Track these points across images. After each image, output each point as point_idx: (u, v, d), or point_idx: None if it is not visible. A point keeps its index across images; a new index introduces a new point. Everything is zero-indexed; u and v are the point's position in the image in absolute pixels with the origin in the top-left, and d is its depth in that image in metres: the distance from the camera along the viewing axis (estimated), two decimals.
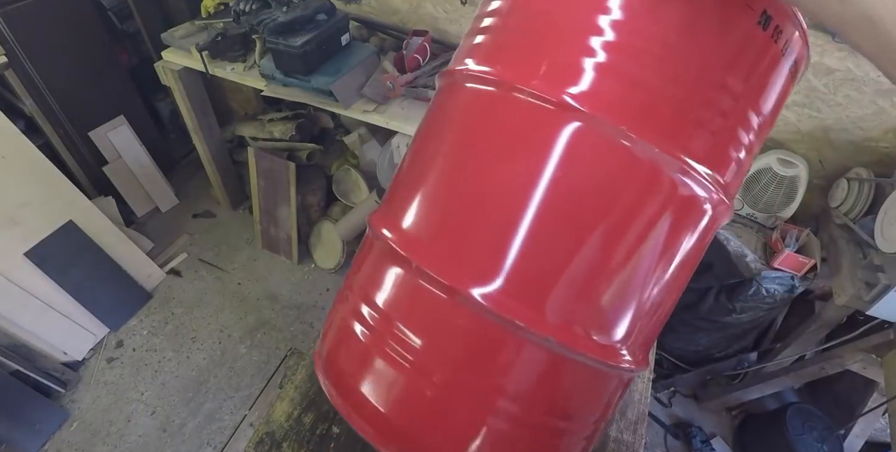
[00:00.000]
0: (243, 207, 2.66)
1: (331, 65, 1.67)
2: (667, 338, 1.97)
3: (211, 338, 2.13)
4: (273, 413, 1.00)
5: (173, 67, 1.92)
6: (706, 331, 1.86)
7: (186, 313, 2.22)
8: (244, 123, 2.28)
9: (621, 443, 1.02)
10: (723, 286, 1.70)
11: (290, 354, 2.09)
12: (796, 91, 1.59)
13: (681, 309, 1.86)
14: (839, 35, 0.48)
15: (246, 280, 2.36)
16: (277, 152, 2.18)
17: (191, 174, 2.77)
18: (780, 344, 1.79)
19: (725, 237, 1.68)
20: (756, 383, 1.77)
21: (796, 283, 1.58)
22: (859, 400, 1.63)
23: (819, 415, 1.73)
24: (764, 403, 1.90)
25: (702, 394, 2.02)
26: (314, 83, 1.64)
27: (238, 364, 2.05)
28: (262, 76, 1.73)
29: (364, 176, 2.17)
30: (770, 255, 1.60)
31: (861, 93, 1.51)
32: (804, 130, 1.67)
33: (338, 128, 2.28)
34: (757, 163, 1.65)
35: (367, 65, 1.73)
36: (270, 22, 1.56)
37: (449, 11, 1.88)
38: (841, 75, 1.50)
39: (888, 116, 1.53)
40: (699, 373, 1.96)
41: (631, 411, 1.07)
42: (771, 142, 1.74)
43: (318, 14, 1.62)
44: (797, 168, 1.60)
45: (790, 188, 1.63)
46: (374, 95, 1.68)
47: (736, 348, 1.94)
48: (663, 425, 1.92)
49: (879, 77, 1.46)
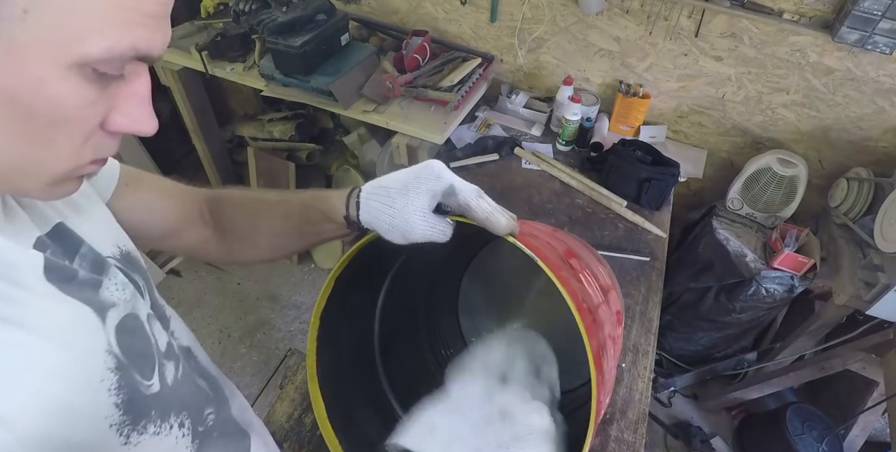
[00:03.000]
0: None
1: (330, 65, 1.67)
2: (667, 338, 1.97)
3: (211, 338, 2.13)
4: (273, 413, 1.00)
5: (173, 67, 1.92)
6: (706, 331, 1.87)
7: (186, 313, 2.21)
8: (244, 123, 2.28)
9: (622, 443, 1.02)
10: (722, 286, 1.70)
11: (289, 354, 2.08)
12: (796, 91, 1.59)
13: (681, 308, 1.86)
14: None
15: (246, 280, 2.36)
16: (277, 152, 2.18)
17: (191, 174, 2.77)
18: (780, 343, 1.79)
19: (725, 237, 1.68)
20: (756, 383, 1.77)
21: (796, 283, 1.58)
22: (859, 400, 1.63)
23: (819, 415, 1.74)
24: (763, 403, 1.90)
25: (702, 394, 2.02)
26: (314, 83, 1.64)
27: (238, 364, 2.05)
28: (262, 76, 1.73)
29: (364, 176, 2.17)
30: (770, 255, 1.61)
31: (860, 92, 1.52)
32: (804, 130, 1.67)
33: (337, 128, 2.28)
34: (757, 162, 1.65)
35: (367, 65, 1.73)
36: (270, 22, 1.56)
37: (449, 11, 1.88)
38: (840, 75, 1.51)
39: (887, 116, 1.54)
40: (699, 373, 1.96)
41: (631, 411, 1.07)
42: (771, 142, 1.74)
43: (317, 14, 1.61)
44: (797, 168, 1.60)
45: (790, 188, 1.63)
46: (373, 95, 1.68)
47: (736, 348, 1.94)
48: (663, 425, 1.92)
49: (879, 77, 1.47)
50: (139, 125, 0.37)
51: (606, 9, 1.63)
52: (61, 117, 0.33)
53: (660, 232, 1.48)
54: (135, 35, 0.33)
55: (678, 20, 1.57)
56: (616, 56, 1.75)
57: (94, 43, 0.31)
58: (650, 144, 1.61)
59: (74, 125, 0.34)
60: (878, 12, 1.29)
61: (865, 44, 1.36)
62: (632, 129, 1.80)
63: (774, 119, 1.69)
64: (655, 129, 1.81)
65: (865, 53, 1.42)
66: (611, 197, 1.55)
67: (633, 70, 1.76)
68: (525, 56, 1.87)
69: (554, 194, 1.59)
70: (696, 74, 1.68)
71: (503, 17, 1.80)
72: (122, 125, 0.36)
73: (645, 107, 1.74)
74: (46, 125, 0.32)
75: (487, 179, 1.61)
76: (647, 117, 1.81)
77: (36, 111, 0.31)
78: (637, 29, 1.65)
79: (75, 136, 0.34)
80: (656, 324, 1.25)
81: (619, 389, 1.11)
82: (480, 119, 1.83)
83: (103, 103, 0.35)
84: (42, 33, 0.29)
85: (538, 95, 1.93)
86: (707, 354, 1.98)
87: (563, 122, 1.68)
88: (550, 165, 1.64)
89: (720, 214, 1.75)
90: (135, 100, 0.36)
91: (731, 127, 1.76)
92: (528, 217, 1.51)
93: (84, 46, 0.31)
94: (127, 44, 0.32)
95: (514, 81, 1.99)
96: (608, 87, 1.85)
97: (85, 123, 0.34)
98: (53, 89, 0.31)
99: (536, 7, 1.72)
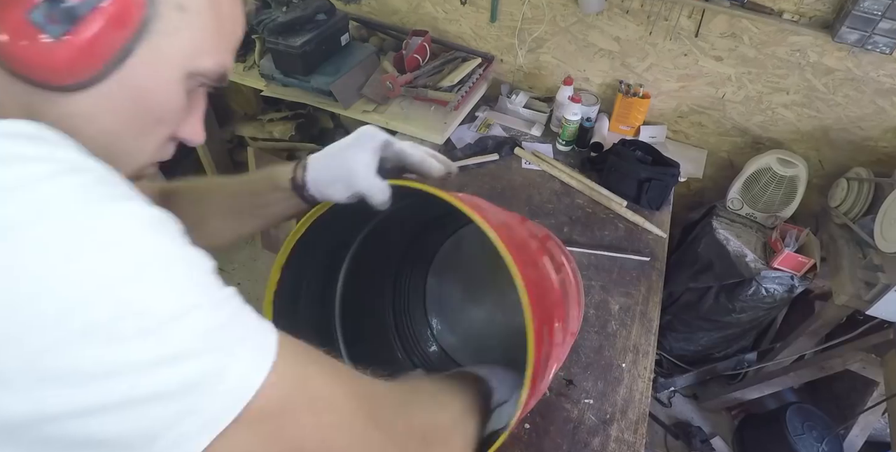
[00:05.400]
0: None
1: (330, 65, 1.67)
2: (667, 338, 1.97)
3: None
4: None
5: None
6: (706, 331, 1.87)
7: None
8: (244, 123, 2.28)
9: (622, 443, 1.02)
10: (722, 286, 1.70)
11: None
12: (796, 91, 1.59)
13: (681, 308, 1.86)
14: None
15: (246, 280, 2.36)
16: (277, 152, 2.18)
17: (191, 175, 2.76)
18: (780, 343, 1.79)
19: (725, 237, 1.68)
20: (756, 383, 1.77)
21: (796, 283, 1.58)
22: (859, 400, 1.63)
23: (819, 415, 1.74)
24: (763, 403, 1.90)
25: (702, 394, 2.02)
26: (314, 83, 1.64)
27: None
28: (262, 76, 1.73)
29: None
30: (770, 255, 1.61)
31: (861, 92, 1.52)
32: (804, 130, 1.67)
33: (337, 128, 2.28)
34: (757, 162, 1.65)
35: (367, 65, 1.73)
36: (270, 22, 1.56)
37: (449, 11, 1.88)
38: (840, 75, 1.51)
39: (887, 116, 1.54)
40: (699, 373, 1.96)
41: (632, 411, 1.07)
42: (771, 142, 1.74)
43: (317, 14, 1.61)
44: (797, 167, 1.60)
45: (790, 188, 1.63)
46: (373, 95, 1.68)
47: (736, 348, 1.94)
48: (663, 425, 1.92)
49: (879, 77, 1.47)
50: (197, 136, 0.46)
51: (606, 9, 1.63)
52: (167, 116, 0.41)
53: (660, 233, 1.48)
54: (227, 58, 0.43)
55: (678, 20, 1.57)
56: (616, 56, 1.75)
57: (209, 58, 0.41)
58: (650, 144, 1.61)
59: (169, 125, 0.42)
60: (878, 12, 1.29)
61: (865, 44, 1.36)
62: (632, 129, 1.80)
63: (774, 119, 1.69)
64: (655, 129, 1.81)
65: (865, 53, 1.42)
66: (611, 197, 1.55)
67: (633, 70, 1.76)
68: (525, 56, 1.87)
69: (554, 194, 1.59)
70: (696, 74, 1.68)
71: (503, 17, 1.80)
72: (186, 133, 0.45)
73: (645, 107, 1.74)
74: (155, 121, 0.41)
75: (487, 179, 1.61)
76: (647, 117, 1.81)
77: (155, 107, 0.40)
78: (637, 29, 1.65)
79: (165, 135, 0.43)
80: (656, 324, 1.25)
81: (619, 389, 1.11)
82: (480, 119, 1.83)
83: (184, 113, 0.43)
84: (179, 47, 0.38)
85: (538, 95, 1.93)
86: (707, 354, 1.98)
87: (563, 122, 1.68)
88: (550, 165, 1.64)
89: (720, 214, 1.75)
90: (198, 116, 0.46)
91: (731, 127, 1.76)
92: (529, 217, 1.51)
93: (202, 60, 0.40)
94: (224, 64, 0.43)
95: (514, 81, 1.99)
96: (608, 87, 1.85)
97: (173, 125, 0.43)
98: (173, 92, 0.40)
99: (536, 7, 1.72)
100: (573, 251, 1.40)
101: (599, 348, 1.19)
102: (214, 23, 0.40)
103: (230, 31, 0.42)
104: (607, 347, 1.19)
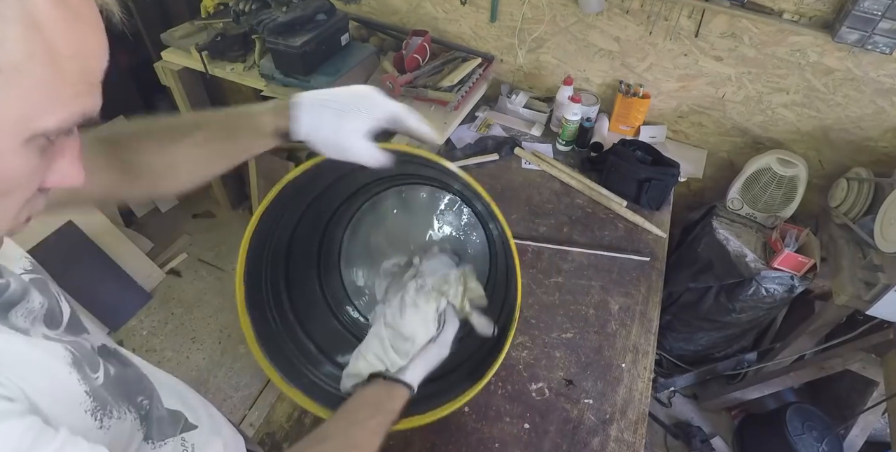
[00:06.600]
0: (243, 207, 2.66)
1: (330, 65, 1.67)
2: (667, 338, 1.97)
3: (210, 338, 2.13)
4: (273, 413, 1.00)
5: (173, 67, 1.92)
6: (706, 331, 1.87)
7: (186, 313, 2.21)
8: None
9: (622, 443, 1.02)
10: (722, 286, 1.70)
11: None
12: (796, 91, 1.59)
13: (681, 308, 1.86)
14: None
15: None
16: (277, 152, 2.18)
17: None
18: (780, 343, 1.79)
19: (725, 237, 1.68)
20: (756, 383, 1.77)
21: (796, 283, 1.58)
22: (859, 400, 1.63)
23: (819, 415, 1.74)
24: (763, 403, 1.90)
25: (702, 394, 2.02)
26: (314, 83, 1.64)
27: (238, 364, 2.05)
28: (262, 76, 1.73)
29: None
30: (770, 255, 1.61)
31: (860, 92, 1.52)
32: (804, 130, 1.67)
33: None
34: (757, 162, 1.65)
35: (367, 65, 1.73)
36: (270, 22, 1.56)
37: (448, 11, 1.88)
38: (840, 75, 1.51)
39: (887, 116, 1.54)
40: (699, 373, 1.96)
41: (631, 411, 1.07)
42: (771, 142, 1.74)
43: (317, 14, 1.61)
44: (797, 167, 1.60)
45: (790, 188, 1.63)
46: None
47: (736, 348, 1.94)
48: (663, 425, 1.92)
49: (879, 77, 1.47)
50: (70, 180, 0.39)
51: (606, 9, 1.63)
52: (12, 187, 0.35)
53: (660, 233, 1.48)
54: (84, 104, 0.35)
55: (678, 20, 1.57)
56: (616, 56, 1.75)
57: (50, 116, 0.33)
58: (650, 144, 1.61)
59: (20, 192, 0.36)
60: (878, 12, 1.29)
61: (865, 44, 1.36)
62: (632, 129, 1.80)
63: (774, 119, 1.69)
64: (655, 129, 1.81)
65: (865, 53, 1.42)
66: (611, 197, 1.55)
67: (633, 70, 1.76)
68: (525, 56, 1.87)
69: (554, 194, 1.59)
70: (696, 74, 1.68)
71: (503, 17, 1.80)
72: (55, 182, 0.39)
73: (645, 107, 1.74)
74: (1, 194, 0.34)
75: (487, 179, 1.61)
76: (647, 117, 1.81)
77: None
78: (637, 29, 1.65)
79: (19, 202, 0.36)
80: (656, 324, 1.26)
81: (619, 389, 1.11)
82: (480, 119, 1.83)
83: (43, 167, 0.37)
84: (4, 114, 0.31)
85: (538, 95, 1.93)
86: (707, 354, 1.98)
87: (563, 122, 1.68)
88: (550, 165, 1.64)
89: (720, 214, 1.75)
90: (67, 159, 0.38)
91: (731, 127, 1.76)
92: (529, 217, 1.51)
93: (42, 122, 0.33)
94: (78, 112, 0.35)
95: (514, 81, 1.99)
96: (608, 87, 1.85)
97: (29, 189, 0.37)
98: (9, 163, 0.33)
99: (536, 7, 1.72)
100: (573, 251, 1.40)
101: (599, 348, 1.19)
102: (48, 72, 0.32)
103: (79, 70, 0.34)
104: (607, 347, 1.19)
